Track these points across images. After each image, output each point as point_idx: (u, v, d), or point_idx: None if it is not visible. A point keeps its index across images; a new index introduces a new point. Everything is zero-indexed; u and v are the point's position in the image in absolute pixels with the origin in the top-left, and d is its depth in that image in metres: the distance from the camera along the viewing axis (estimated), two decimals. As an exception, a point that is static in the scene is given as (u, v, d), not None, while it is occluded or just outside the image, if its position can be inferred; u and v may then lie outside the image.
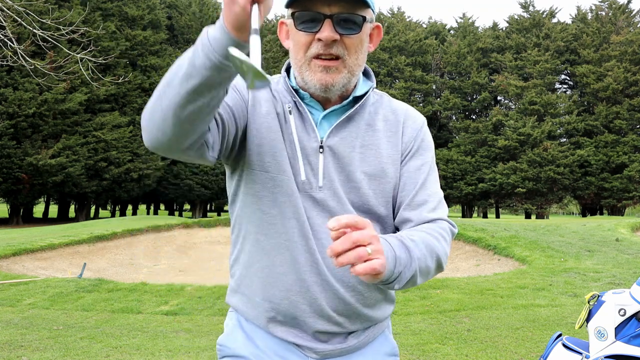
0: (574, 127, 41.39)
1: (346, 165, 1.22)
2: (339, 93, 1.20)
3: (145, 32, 36.33)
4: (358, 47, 1.17)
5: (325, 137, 1.22)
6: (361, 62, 1.20)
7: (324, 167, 1.21)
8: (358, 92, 1.25)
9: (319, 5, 1.12)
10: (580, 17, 44.92)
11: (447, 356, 4.13)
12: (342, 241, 0.91)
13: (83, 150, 31.23)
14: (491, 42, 45.15)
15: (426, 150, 1.31)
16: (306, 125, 1.22)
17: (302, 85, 1.21)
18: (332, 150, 1.22)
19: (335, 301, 1.22)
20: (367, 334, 1.30)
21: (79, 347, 4.39)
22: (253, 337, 1.29)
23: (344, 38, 1.14)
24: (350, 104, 1.24)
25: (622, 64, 39.92)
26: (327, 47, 1.13)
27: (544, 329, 4.81)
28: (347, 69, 1.17)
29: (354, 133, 1.24)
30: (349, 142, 1.23)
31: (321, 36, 1.12)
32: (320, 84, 1.16)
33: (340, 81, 1.16)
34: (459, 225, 12.68)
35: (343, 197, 1.21)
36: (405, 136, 1.29)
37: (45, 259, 10.74)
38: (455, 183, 42.65)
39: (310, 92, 1.21)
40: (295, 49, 1.19)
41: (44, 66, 8.87)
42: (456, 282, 7.02)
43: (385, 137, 1.26)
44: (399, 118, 1.30)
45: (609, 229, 13.47)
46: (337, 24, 1.12)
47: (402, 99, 44.01)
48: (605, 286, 6.53)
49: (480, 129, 43.08)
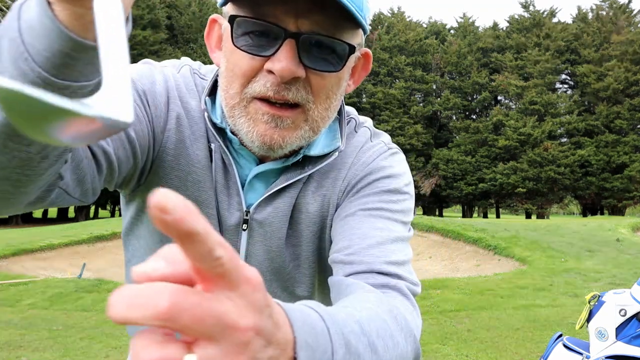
0: (574, 127, 41.39)
1: (280, 245, 0.86)
2: (287, 152, 0.79)
3: (144, 31, 36.37)
4: (332, 91, 0.76)
5: (255, 206, 0.83)
6: (332, 113, 0.79)
7: (248, 250, 0.86)
8: (314, 150, 0.83)
9: (280, 14, 0.69)
10: (581, 17, 44.92)
11: (447, 356, 4.12)
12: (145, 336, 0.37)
13: (83, 150, 31.28)
14: (491, 42, 45.15)
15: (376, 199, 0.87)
16: (229, 185, 0.83)
17: (233, 129, 0.80)
18: (262, 226, 0.84)
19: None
20: None
21: (78, 348, 4.38)
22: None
23: (312, 75, 0.72)
24: (298, 164, 0.84)
25: (622, 64, 39.91)
26: (282, 87, 0.71)
27: (544, 329, 4.80)
28: (309, 124, 0.76)
29: (292, 199, 0.85)
30: (286, 212, 0.84)
31: (275, 67, 0.69)
32: (262, 142, 0.74)
33: (294, 142, 0.76)
34: (459, 226, 12.67)
35: (276, 292, 0.88)
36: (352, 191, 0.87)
37: (44, 259, 10.73)
38: (455, 183, 42.65)
39: (242, 141, 0.80)
40: (227, 77, 0.75)
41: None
42: (456, 282, 7.02)
43: (333, 206, 0.87)
44: (354, 178, 0.87)
45: (609, 229, 13.46)
46: (304, 49, 0.70)
47: (402, 99, 44.07)
48: (605, 286, 6.52)
49: (481, 128, 43.07)
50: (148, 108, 0.79)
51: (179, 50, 41.41)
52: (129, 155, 0.74)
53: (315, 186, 0.86)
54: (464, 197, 43.46)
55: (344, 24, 0.71)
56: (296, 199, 0.85)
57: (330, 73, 0.73)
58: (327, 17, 0.69)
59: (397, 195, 0.85)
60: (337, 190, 0.86)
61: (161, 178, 0.82)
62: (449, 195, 44.08)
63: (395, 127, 43.01)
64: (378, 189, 0.84)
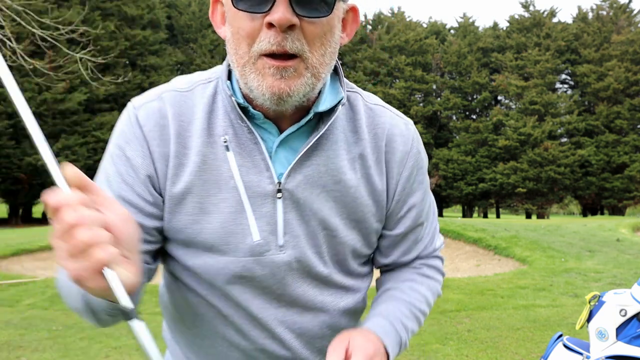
0: (574, 127, 41.38)
1: (316, 211, 0.90)
2: (296, 104, 0.85)
3: (144, 31, 36.35)
4: (326, 38, 0.82)
5: (285, 176, 0.88)
6: (329, 59, 0.85)
7: (285, 219, 0.89)
8: (322, 106, 0.89)
9: None
10: (581, 17, 44.91)
11: (447, 356, 4.12)
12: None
13: (82, 150, 31.25)
14: (492, 42, 45.14)
15: (420, 176, 0.99)
16: (256, 162, 0.87)
17: (247, 93, 0.85)
18: (294, 195, 0.89)
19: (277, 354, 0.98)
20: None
21: (78, 348, 4.38)
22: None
23: (306, 23, 0.79)
24: (312, 122, 0.90)
25: (623, 64, 39.91)
26: (282, 38, 0.78)
27: (544, 330, 4.80)
28: (310, 71, 0.82)
29: (322, 166, 0.89)
30: (318, 179, 0.90)
31: (273, 18, 0.76)
32: (272, 93, 0.81)
33: (299, 89, 0.82)
34: (459, 226, 12.69)
35: (310, 255, 0.92)
36: (393, 166, 0.95)
37: (44, 259, 10.72)
38: (455, 183, 42.64)
39: (257, 103, 0.86)
40: (234, 40, 0.83)
41: (43, 66, 8.87)
42: (456, 282, 7.01)
43: (362, 168, 0.94)
44: (380, 141, 0.94)
45: (609, 229, 13.46)
46: (295, 1, 0.77)
47: (403, 99, 44.04)
48: (606, 286, 6.51)
49: (481, 128, 43.06)
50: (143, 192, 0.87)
51: (179, 50, 41.42)
52: (154, 239, 0.90)
53: (341, 146, 0.92)
54: (464, 197, 43.45)
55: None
56: (324, 165, 0.90)
57: (320, 19, 0.80)
58: None
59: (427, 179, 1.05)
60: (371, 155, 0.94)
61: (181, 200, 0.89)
62: (449, 195, 44.07)
63: (395, 127, 43.01)
64: (423, 181, 1.01)
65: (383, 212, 0.96)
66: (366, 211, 0.94)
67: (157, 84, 0.97)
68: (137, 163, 0.86)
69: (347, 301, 0.99)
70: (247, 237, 0.88)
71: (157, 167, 0.87)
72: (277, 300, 0.93)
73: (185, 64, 42.23)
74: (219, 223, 0.88)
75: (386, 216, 0.97)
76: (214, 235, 0.88)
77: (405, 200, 0.97)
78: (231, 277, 0.90)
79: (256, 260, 0.89)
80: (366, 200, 0.93)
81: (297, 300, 0.94)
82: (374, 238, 0.99)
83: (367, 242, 0.98)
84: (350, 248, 0.95)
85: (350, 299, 1.00)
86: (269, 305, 0.93)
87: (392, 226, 0.99)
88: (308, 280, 0.94)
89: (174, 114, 0.88)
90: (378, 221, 0.97)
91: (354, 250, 0.97)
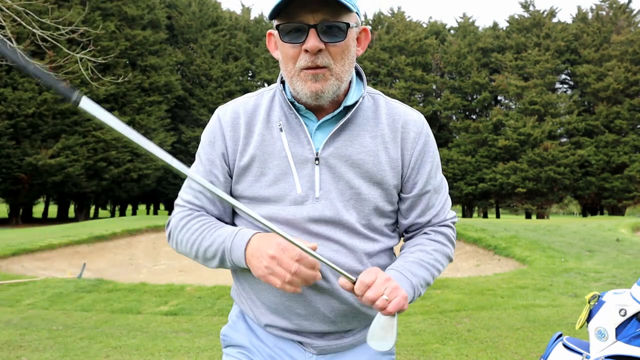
0: (574, 127, 41.38)
1: (343, 174, 1.24)
2: (330, 100, 1.22)
3: (144, 31, 36.31)
4: (344, 54, 1.19)
5: (321, 148, 1.23)
6: (348, 68, 1.22)
7: (320, 178, 1.23)
8: (349, 100, 1.25)
9: (302, 15, 1.14)
10: (581, 17, 44.90)
11: (447, 356, 4.12)
12: (372, 293, 1.10)
13: (82, 150, 31.24)
14: (491, 42, 45.13)
15: (429, 152, 1.33)
16: (301, 138, 1.24)
17: (295, 95, 1.23)
18: (327, 161, 1.23)
19: (331, 302, 1.25)
20: (362, 333, 1.33)
21: (78, 348, 4.38)
22: (255, 329, 1.35)
23: (329, 46, 1.16)
24: (342, 113, 1.25)
25: (622, 64, 39.90)
26: (314, 57, 1.15)
27: (544, 329, 4.80)
28: (335, 77, 1.19)
29: (348, 142, 1.25)
30: (345, 150, 1.24)
31: (307, 47, 1.14)
32: (311, 92, 1.18)
33: (329, 88, 1.19)
34: (459, 226, 12.69)
35: (339, 207, 1.23)
36: (407, 142, 1.29)
37: (44, 259, 10.73)
38: (455, 183, 42.62)
39: (302, 101, 1.23)
40: (284, 61, 1.21)
41: (43, 66, 8.86)
42: (456, 282, 7.01)
43: (382, 143, 1.27)
44: (397, 123, 1.29)
45: (609, 229, 13.47)
46: (321, 32, 1.14)
47: (402, 99, 43.99)
48: (605, 286, 6.52)
49: (481, 128, 43.06)
50: (218, 163, 1.30)
51: (179, 50, 41.40)
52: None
53: (363, 128, 1.27)
54: (464, 197, 43.44)
55: (341, 11, 1.15)
56: (351, 139, 1.25)
57: (339, 42, 1.17)
58: (330, 10, 1.14)
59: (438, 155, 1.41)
60: (389, 135, 1.28)
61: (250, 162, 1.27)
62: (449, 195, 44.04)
63: (395, 127, 43.00)
64: (434, 162, 1.36)
65: (399, 174, 1.28)
66: (384, 173, 1.26)
67: (157, 84, 1.13)
68: (216, 144, 1.31)
69: (374, 248, 1.28)
70: (293, 190, 1.23)
71: (228, 146, 1.29)
72: (316, 238, 1.23)
73: (185, 64, 42.22)
74: (274, 181, 1.24)
75: (403, 182, 1.30)
76: (270, 190, 1.24)
77: (419, 169, 1.30)
78: (282, 220, 1.23)
79: (299, 207, 1.23)
80: (384, 165, 1.26)
81: (331, 239, 1.23)
82: (394, 195, 1.30)
83: (388, 199, 1.29)
84: (372, 204, 1.26)
85: (377, 247, 1.28)
86: (310, 242, 1.18)
87: (409, 189, 1.31)
88: (340, 227, 1.24)
89: (244, 110, 1.30)
90: (395, 179, 1.28)
91: (377, 207, 1.27)
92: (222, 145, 1.29)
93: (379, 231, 1.30)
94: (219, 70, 41.62)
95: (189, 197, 1.33)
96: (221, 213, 1.32)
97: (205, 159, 1.31)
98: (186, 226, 1.28)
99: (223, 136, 1.29)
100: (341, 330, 1.30)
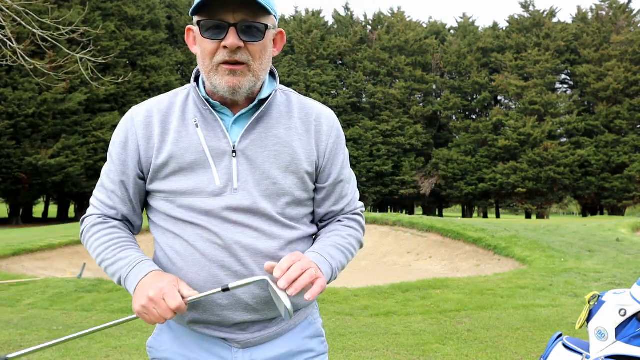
0: (574, 127, 41.38)
1: (260, 165, 1.28)
2: (245, 95, 1.27)
3: (144, 31, 36.31)
4: (262, 53, 1.24)
5: (237, 141, 1.27)
6: (265, 66, 1.27)
7: (238, 170, 1.27)
8: (263, 94, 1.30)
9: (223, 13, 1.18)
10: (581, 17, 44.91)
11: (447, 356, 4.12)
12: (293, 270, 1.15)
13: (83, 150, 31.23)
14: (491, 42, 45.13)
15: (341, 144, 1.40)
16: (217, 133, 1.27)
17: (211, 89, 1.27)
18: (244, 153, 1.27)
19: (252, 290, 1.27)
20: (286, 322, 1.35)
21: (78, 348, 4.38)
22: (180, 335, 1.36)
23: (248, 45, 1.21)
24: (257, 106, 1.30)
25: (622, 64, 39.91)
26: (232, 53, 1.19)
27: (544, 329, 4.80)
28: (252, 73, 1.23)
29: (264, 134, 1.29)
30: (260, 142, 1.29)
31: (226, 43, 1.18)
32: (228, 86, 1.22)
33: (246, 84, 1.23)
34: (459, 226, 12.70)
35: (256, 196, 1.27)
36: (321, 135, 1.35)
37: (44, 259, 10.73)
38: (455, 183, 42.63)
39: (219, 95, 1.26)
40: (202, 56, 1.24)
41: (43, 66, 8.85)
42: (456, 282, 7.01)
43: (296, 134, 1.32)
44: (310, 117, 1.35)
45: (609, 229, 13.47)
46: (241, 31, 1.19)
47: (402, 99, 44.04)
48: (605, 286, 6.52)
49: (481, 129, 43.06)
50: (129, 164, 1.32)
51: (179, 50, 41.38)
52: (137, 195, 1.37)
53: (278, 121, 1.32)
54: (464, 197, 43.44)
55: (260, 13, 1.20)
56: (266, 131, 1.30)
57: (258, 42, 1.22)
58: (250, 10, 1.19)
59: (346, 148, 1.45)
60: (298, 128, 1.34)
61: (168, 161, 1.29)
62: (449, 195, 44.06)
63: (395, 127, 43.01)
64: (343, 153, 1.42)
65: (314, 163, 1.33)
66: (300, 163, 1.31)
67: (157, 84, 1.17)
68: (129, 144, 1.32)
69: (293, 235, 1.32)
70: (212, 183, 1.26)
71: (140, 145, 1.30)
72: (235, 225, 1.26)
73: (185, 64, 42.21)
74: (192, 175, 1.27)
75: (319, 172, 1.36)
76: (189, 183, 1.27)
77: (333, 160, 1.37)
78: (201, 212, 1.26)
79: (217, 199, 1.26)
80: (299, 155, 1.31)
81: (250, 227, 1.27)
82: (309, 184, 1.34)
83: (304, 188, 1.33)
84: (289, 193, 1.30)
85: (295, 234, 1.32)
86: (230, 231, 1.26)
87: (324, 179, 1.37)
88: (258, 215, 1.28)
89: (158, 109, 1.32)
90: (310, 167, 1.32)
91: (293, 196, 1.31)
92: (135, 145, 1.30)
93: (297, 219, 1.34)
94: (219, 70, 41.57)
95: (102, 197, 1.36)
96: (131, 213, 1.37)
97: (117, 159, 1.33)
98: (95, 235, 1.33)
99: (135, 135, 1.30)
100: (264, 319, 1.31)
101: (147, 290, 1.15)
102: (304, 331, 1.39)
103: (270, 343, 1.33)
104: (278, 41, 1.33)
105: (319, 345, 1.42)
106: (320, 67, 44.51)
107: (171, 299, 1.13)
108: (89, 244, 1.36)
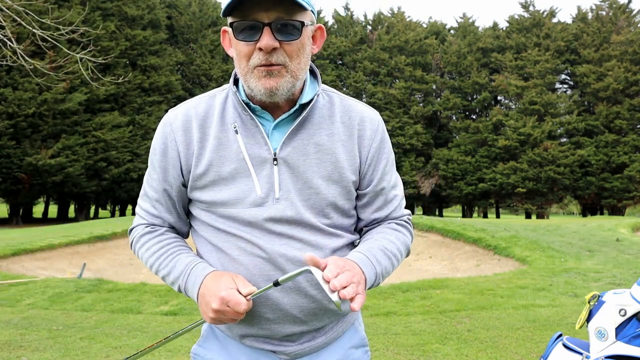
0: (574, 127, 41.38)
1: (302, 173, 1.22)
2: (285, 98, 1.20)
3: (145, 31, 36.33)
4: (299, 52, 1.17)
5: (279, 148, 1.21)
6: (304, 65, 1.20)
7: (280, 179, 1.22)
8: (304, 98, 1.24)
9: (256, 13, 1.12)
10: (581, 17, 44.91)
11: (447, 356, 4.12)
12: (344, 278, 1.05)
13: (83, 150, 31.24)
14: (491, 42, 45.13)
15: (385, 149, 1.33)
16: (258, 139, 1.22)
17: (249, 93, 1.21)
18: (286, 161, 1.22)
19: (299, 302, 1.24)
20: (334, 330, 1.33)
21: (78, 348, 4.38)
22: (227, 345, 1.33)
23: (284, 45, 1.14)
24: (298, 111, 1.24)
25: (622, 64, 39.91)
26: (268, 55, 1.13)
27: (544, 329, 4.80)
28: (290, 74, 1.17)
29: (306, 140, 1.23)
30: (302, 150, 1.23)
31: (261, 45, 1.12)
32: (265, 89, 1.16)
33: (284, 85, 1.16)
34: (459, 226, 12.70)
35: (299, 206, 1.22)
36: (364, 140, 1.29)
37: (44, 259, 10.73)
38: (455, 183, 42.63)
39: (257, 99, 1.20)
40: (238, 59, 1.19)
41: (43, 66, 8.85)
42: (456, 282, 7.01)
43: (339, 140, 1.26)
44: (353, 121, 1.29)
45: (609, 229, 13.47)
46: (276, 31, 1.12)
47: (402, 99, 44.03)
48: (605, 286, 6.52)
49: (481, 128, 43.06)
50: (171, 172, 1.28)
51: (179, 50, 41.39)
52: (180, 202, 1.32)
53: (320, 126, 1.25)
54: (464, 197, 43.44)
55: (296, 9, 1.14)
56: (308, 138, 1.23)
57: (294, 41, 1.15)
58: (285, 8, 1.12)
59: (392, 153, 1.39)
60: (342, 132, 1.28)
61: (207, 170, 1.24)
62: (449, 195, 44.06)
63: (395, 127, 43.00)
64: (388, 159, 1.35)
65: (357, 170, 1.28)
66: (343, 171, 1.26)
67: (157, 84, 1.16)
68: (169, 151, 1.27)
69: (337, 243, 1.28)
70: (253, 192, 1.21)
71: (180, 152, 1.25)
72: (279, 237, 1.22)
73: (185, 64, 42.22)
74: (233, 184, 1.22)
75: (361, 177, 1.30)
76: (229, 193, 1.22)
77: (376, 165, 1.31)
78: (243, 222, 1.22)
79: (259, 209, 1.21)
80: (342, 162, 1.25)
81: (294, 238, 1.23)
82: (352, 192, 1.29)
83: (347, 196, 1.28)
84: (332, 202, 1.25)
85: (340, 242, 1.28)
86: (274, 243, 1.21)
87: (365, 185, 1.31)
88: (301, 225, 1.23)
89: (196, 114, 1.26)
90: (353, 175, 1.27)
91: (335, 204, 1.26)
92: (175, 152, 1.26)
93: (340, 227, 1.30)
94: (219, 70, 41.62)
95: (147, 206, 1.33)
96: (177, 220, 1.33)
97: (158, 166, 1.28)
98: (145, 245, 1.30)
99: (175, 141, 1.26)
100: (313, 330, 1.29)
101: (210, 303, 1.13)
102: (350, 340, 1.37)
103: (317, 354, 1.31)
104: (317, 37, 1.26)
105: (363, 355, 1.40)
106: (320, 67, 44.52)
107: (235, 305, 1.11)
108: (140, 254, 1.33)
